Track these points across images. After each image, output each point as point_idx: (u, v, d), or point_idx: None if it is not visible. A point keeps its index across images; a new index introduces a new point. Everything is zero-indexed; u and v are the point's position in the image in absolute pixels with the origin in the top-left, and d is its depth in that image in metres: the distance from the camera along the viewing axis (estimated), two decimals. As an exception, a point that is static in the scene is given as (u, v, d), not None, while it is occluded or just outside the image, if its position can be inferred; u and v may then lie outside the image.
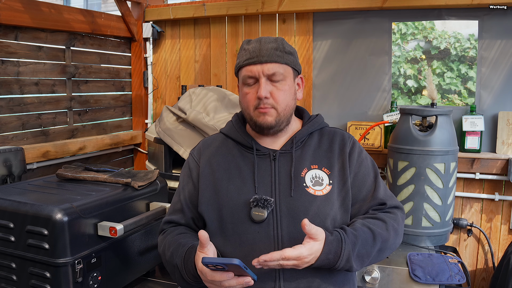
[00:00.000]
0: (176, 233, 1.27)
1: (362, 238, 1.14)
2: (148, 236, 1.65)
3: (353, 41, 2.46)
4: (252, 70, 1.20)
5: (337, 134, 1.32)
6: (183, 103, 2.16)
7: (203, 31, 2.81)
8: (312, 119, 1.33)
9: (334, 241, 1.10)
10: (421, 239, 1.99)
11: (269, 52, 1.19)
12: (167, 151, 2.11)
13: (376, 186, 1.27)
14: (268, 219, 1.17)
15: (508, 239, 2.26)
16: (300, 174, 1.22)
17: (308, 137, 1.30)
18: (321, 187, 1.21)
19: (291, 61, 1.23)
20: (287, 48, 1.24)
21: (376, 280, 1.77)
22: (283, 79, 1.21)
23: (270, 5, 2.53)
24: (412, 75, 2.39)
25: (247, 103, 1.23)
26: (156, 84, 2.99)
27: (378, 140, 2.31)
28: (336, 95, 2.53)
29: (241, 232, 1.19)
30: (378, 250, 1.17)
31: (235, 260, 0.96)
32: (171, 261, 1.20)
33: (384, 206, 1.25)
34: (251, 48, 1.21)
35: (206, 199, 1.25)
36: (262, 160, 1.25)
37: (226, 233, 1.21)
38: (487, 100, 2.26)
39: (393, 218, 1.23)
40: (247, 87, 1.23)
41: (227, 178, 1.25)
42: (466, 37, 2.27)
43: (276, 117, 1.21)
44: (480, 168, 2.19)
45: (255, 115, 1.22)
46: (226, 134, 1.34)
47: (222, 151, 1.31)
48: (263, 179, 1.22)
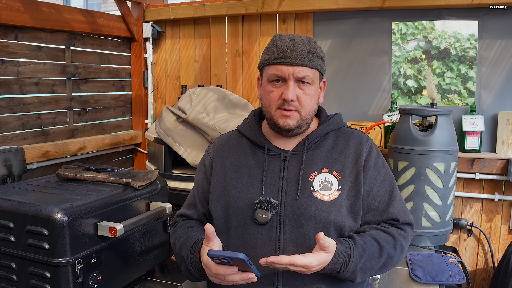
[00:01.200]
0: (186, 226, 1.29)
1: (369, 253, 1.13)
2: (148, 236, 1.65)
3: (353, 41, 2.46)
4: (283, 70, 1.17)
5: (354, 136, 1.27)
6: (183, 103, 2.16)
7: (203, 31, 2.81)
8: (329, 118, 1.30)
9: (344, 253, 1.10)
10: (421, 239, 1.99)
11: (302, 54, 1.16)
12: (167, 151, 2.11)
13: (392, 199, 1.23)
14: (272, 221, 1.17)
15: (508, 239, 2.26)
16: (309, 177, 1.20)
17: (323, 138, 1.26)
18: (329, 192, 1.18)
19: (321, 66, 1.21)
20: (319, 52, 1.21)
21: (376, 280, 1.77)
22: (310, 83, 1.19)
23: (270, 5, 2.53)
24: (412, 75, 2.39)
25: (269, 101, 1.21)
26: (156, 84, 2.99)
27: (378, 140, 2.31)
28: (336, 95, 2.53)
29: (244, 233, 1.19)
30: (381, 265, 1.17)
31: (240, 254, 0.96)
32: (179, 253, 1.22)
33: (397, 222, 1.22)
34: (284, 46, 1.17)
35: (216, 196, 1.25)
36: (273, 160, 1.24)
37: (230, 232, 1.21)
38: (487, 100, 2.26)
39: (403, 236, 1.21)
40: (273, 85, 1.20)
41: (237, 176, 1.24)
42: (466, 37, 2.27)
43: (299, 120, 1.20)
44: (480, 168, 2.19)
45: (276, 115, 1.20)
46: (241, 132, 1.34)
47: (236, 149, 1.30)
48: (271, 180, 1.21)
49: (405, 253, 1.23)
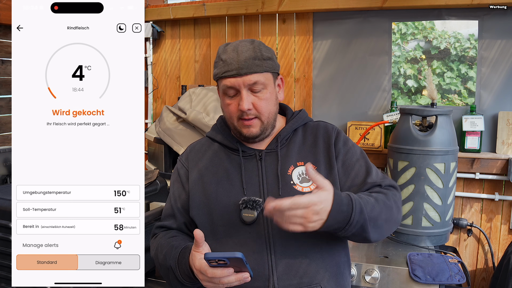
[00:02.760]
0: (168, 237, 1.27)
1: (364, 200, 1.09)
2: (148, 236, 1.65)
3: (353, 41, 2.46)
4: (232, 82, 1.18)
5: (320, 127, 1.31)
6: (183, 103, 2.16)
7: (203, 31, 2.81)
8: (295, 115, 1.33)
9: (341, 194, 1.05)
10: (421, 239, 1.99)
11: (247, 62, 1.17)
12: (167, 151, 2.11)
13: (367, 171, 1.24)
14: (258, 219, 1.18)
15: (508, 239, 2.26)
16: (287, 172, 1.22)
17: (292, 134, 1.30)
18: (309, 183, 1.21)
19: (270, 67, 1.21)
20: (265, 53, 1.20)
21: (376, 280, 1.77)
22: (264, 87, 1.20)
23: (270, 5, 2.53)
24: (412, 75, 2.39)
25: (229, 114, 1.24)
26: (156, 84, 2.99)
27: (378, 140, 2.31)
28: (336, 95, 2.53)
29: (232, 234, 1.19)
30: (384, 217, 1.13)
31: (238, 254, 0.96)
32: (164, 263, 1.19)
33: (379, 187, 1.22)
34: (228, 59, 1.18)
35: (197, 203, 1.25)
36: (249, 161, 1.26)
37: (218, 236, 1.21)
38: (487, 100, 2.26)
39: (392, 192, 1.20)
40: (229, 98, 1.22)
41: (216, 181, 1.25)
42: (466, 37, 2.27)
43: (261, 126, 1.22)
44: (480, 168, 2.19)
45: (239, 125, 1.23)
46: (212, 138, 1.35)
47: (209, 154, 1.31)
48: (251, 180, 1.23)
49: (401, 211, 1.21)
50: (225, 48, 1.22)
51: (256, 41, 1.23)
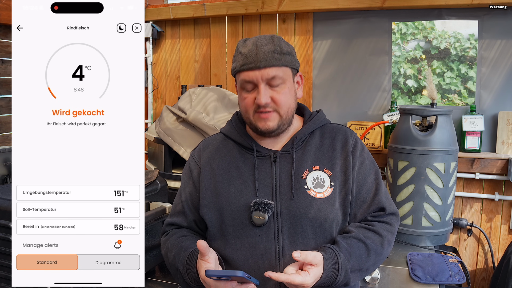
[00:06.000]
0: (178, 236, 1.26)
1: (356, 254, 1.13)
2: (148, 236, 1.65)
3: (353, 41, 2.46)
4: (250, 75, 1.15)
5: (339, 131, 1.28)
6: (183, 103, 2.16)
7: (203, 31, 2.81)
8: (313, 116, 1.30)
9: (330, 259, 1.09)
10: (421, 239, 1.99)
11: (266, 56, 1.14)
12: (167, 151, 2.11)
13: (377, 189, 1.24)
14: (269, 222, 1.16)
15: (508, 239, 2.26)
16: (301, 176, 1.20)
17: (309, 136, 1.26)
18: (323, 190, 1.19)
19: (290, 62, 1.19)
20: (285, 48, 1.18)
21: (376, 280, 1.77)
22: (282, 82, 1.17)
23: (270, 5, 2.53)
24: (412, 75, 2.39)
25: (245, 108, 1.20)
26: (156, 84, 2.99)
27: (378, 140, 2.31)
28: (336, 95, 2.53)
29: (242, 236, 1.18)
30: (372, 264, 1.18)
31: (238, 272, 0.96)
32: (173, 264, 1.20)
33: (383, 212, 1.23)
34: (247, 52, 1.16)
35: (207, 201, 1.23)
36: (263, 161, 1.23)
37: (227, 236, 1.20)
38: (487, 100, 2.26)
39: (389, 231, 1.22)
40: (246, 91, 1.19)
41: (228, 180, 1.23)
42: (466, 37, 2.28)
43: (279, 120, 1.19)
44: (480, 168, 2.19)
45: (255, 119, 1.20)
46: (226, 135, 1.32)
47: (222, 152, 1.28)
48: (263, 181, 1.20)
49: (392, 245, 1.24)
50: (244, 43, 1.19)
51: (276, 36, 1.20)
